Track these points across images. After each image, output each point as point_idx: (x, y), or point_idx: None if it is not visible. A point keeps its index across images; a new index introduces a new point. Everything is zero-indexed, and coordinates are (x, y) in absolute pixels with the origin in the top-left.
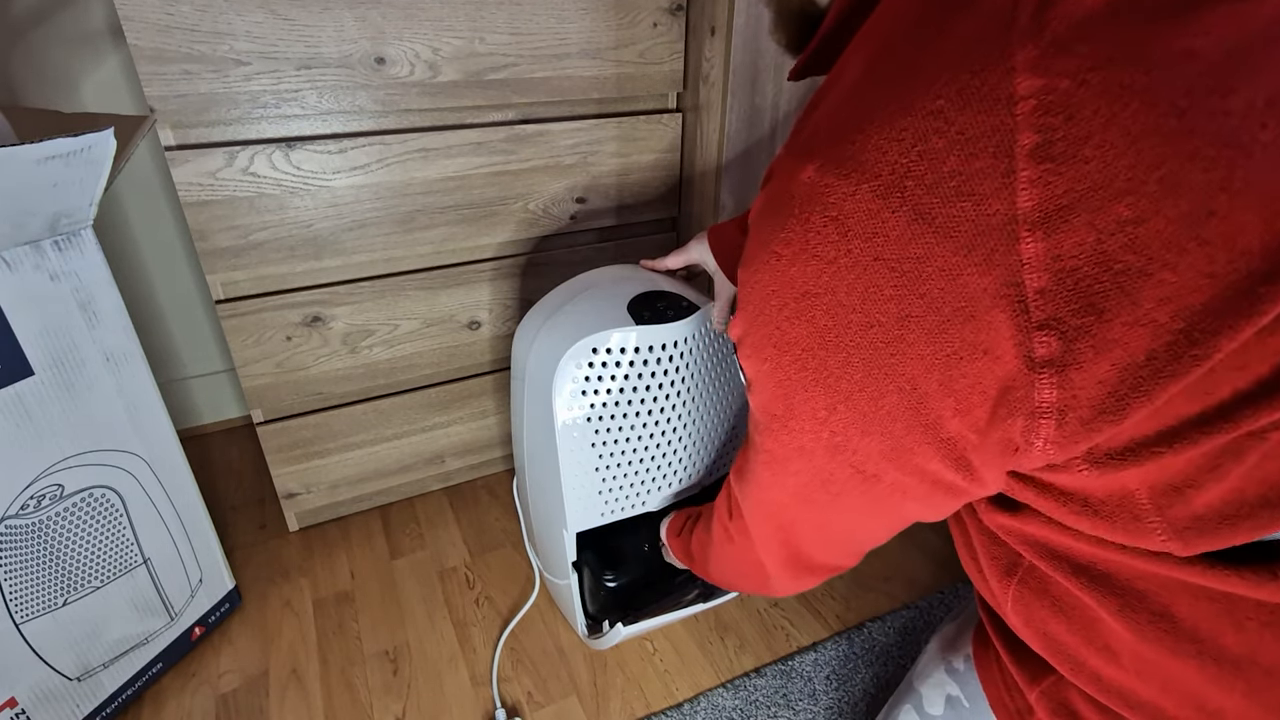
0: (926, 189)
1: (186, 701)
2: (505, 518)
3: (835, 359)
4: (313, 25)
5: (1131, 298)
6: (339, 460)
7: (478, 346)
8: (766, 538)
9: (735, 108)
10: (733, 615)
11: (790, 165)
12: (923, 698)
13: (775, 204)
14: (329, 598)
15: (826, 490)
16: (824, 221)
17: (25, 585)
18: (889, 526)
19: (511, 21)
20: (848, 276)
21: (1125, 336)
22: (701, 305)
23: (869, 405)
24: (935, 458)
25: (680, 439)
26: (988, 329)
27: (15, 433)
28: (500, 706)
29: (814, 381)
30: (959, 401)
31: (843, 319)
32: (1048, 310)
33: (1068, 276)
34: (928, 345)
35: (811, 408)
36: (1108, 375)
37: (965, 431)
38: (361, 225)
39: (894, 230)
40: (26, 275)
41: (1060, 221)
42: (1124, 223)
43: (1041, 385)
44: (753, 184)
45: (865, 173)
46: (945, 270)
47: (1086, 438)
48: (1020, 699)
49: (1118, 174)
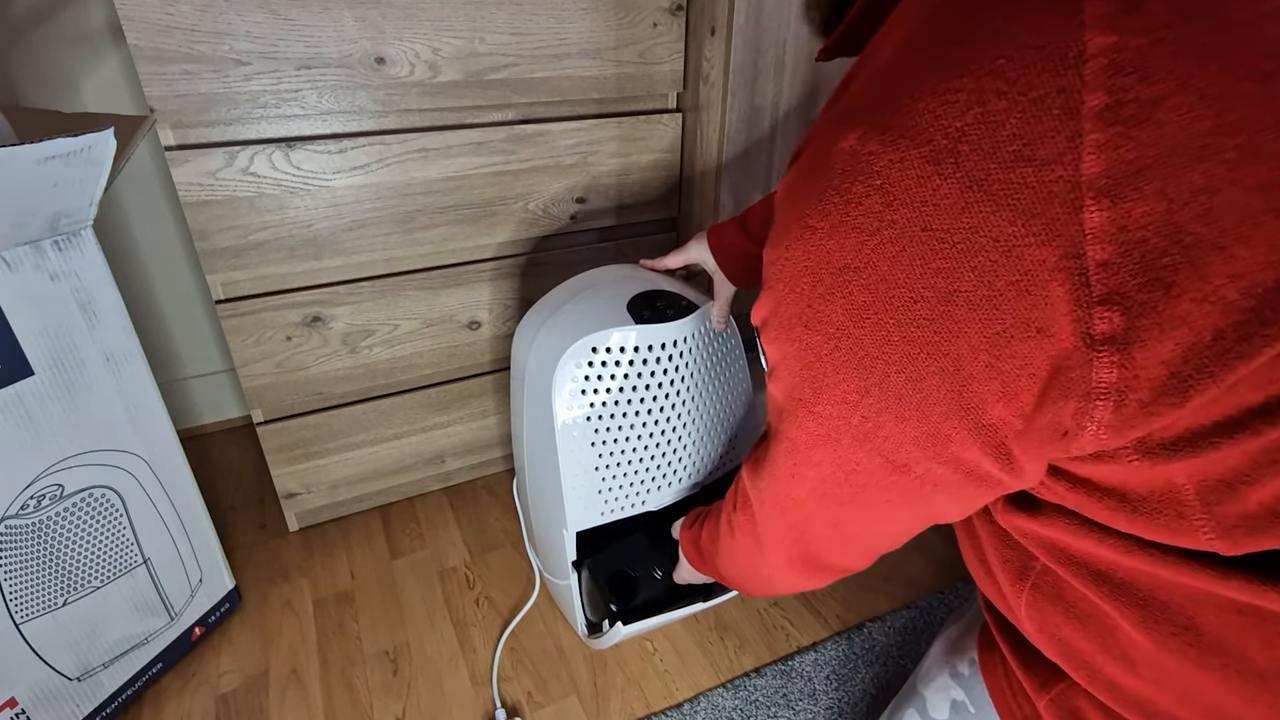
0: (983, 154)
1: (186, 701)
2: (505, 518)
3: (872, 338)
4: (313, 25)
5: (1201, 272)
6: (339, 460)
7: (478, 346)
8: (777, 533)
9: (735, 108)
10: (733, 615)
11: (828, 135)
12: (927, 701)
13: (809, 176)
14: (329, 598)
15: (850, 483)
16: (866, 191)
17: (25, 585)
18: (910, 525)
19: (511, 21)
20: (891, 249)
21: (1192, 314)
22: (701, 304)
23: (906, 388)
24: (974, 445)
25: (680, 438)
26: (1044, 304)
27: (15, 433)
28: (500, 706)
29: (847, 363)
30: (1005, 385)
31: (883, 295)
32: (1111, 284)
33: (1134, 248)
34: (976, 323)
35: (842, 391)
36: (1171, 355)
37: (1009, 417)
38: (361, 225)
39: (945, 198)
40: (26, 275)
41: (1129, 189)
42: (1197, 192)
43: (1100, 364)
44: (753, 184)
45: (915, 138)
46: (1000, 241)
47: (1144, 422)
48: (1028, 705)
49: (1192, 139)
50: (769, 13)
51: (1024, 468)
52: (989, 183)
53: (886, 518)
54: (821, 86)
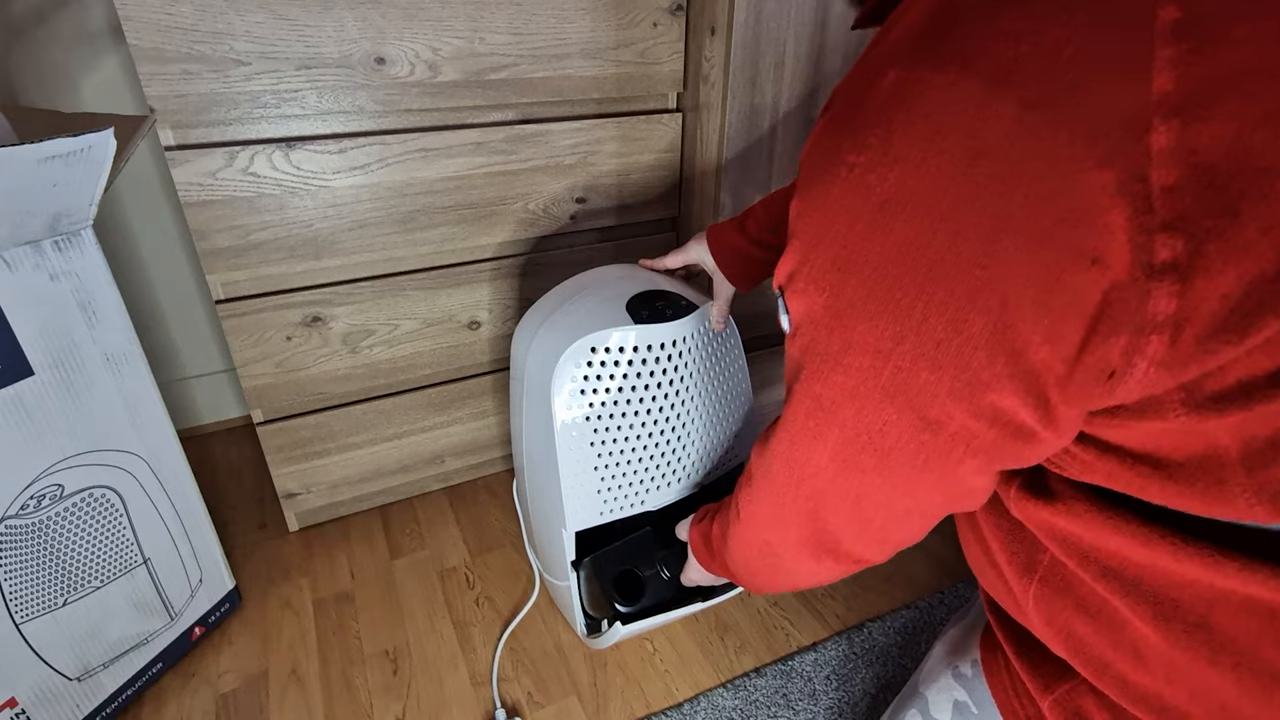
0: (1042, 75)
1: (186, 701)
2: (505, 518)
3: (912, 277)
4: (313, 25)
5: (1269, 200)
6: (339, 460)
7: (478, 346)
8: (792, 508)
9: (735, 108)
10: (733, 615)
11: (863, 78)
12: (929, 702)
13: (844, 118)
14: (329, 598)
15: (875, 446)
16: (910, 120)
17: (25, 585)
18: (931, 504)
19: (511, 21)
20: (938, 179)
21: (1257, 243)
22: (700, 304)
23: (946, 332)
24: (1013, 393)
25: (679, 438)
26: (1101, 233)
27: (15, 433)
28: (500, 706)
29: (883, 307)
30: (1053, 323)
31: (927, 229)
32: (1175, 209)
33: (1202, 172)
34: (1026, 255)
35: (875, 339)
36: (1233, 287)
37: (1053, 360)
38: (361, 225)
39: (998, 123)
40: (26, 275)
41: (1200, 109)
42: (1271, 115)
43: (1158, 295)
44: (753, 184)
45: (965, 64)
46: (1057, 166)
47: (1198, 361)
48: (1031, 706)
49: (1266, 60)
50: (769, 13)
51: (1061, 419)
52: (1047, 105)
53: (909, 491)
54: (821, 86)
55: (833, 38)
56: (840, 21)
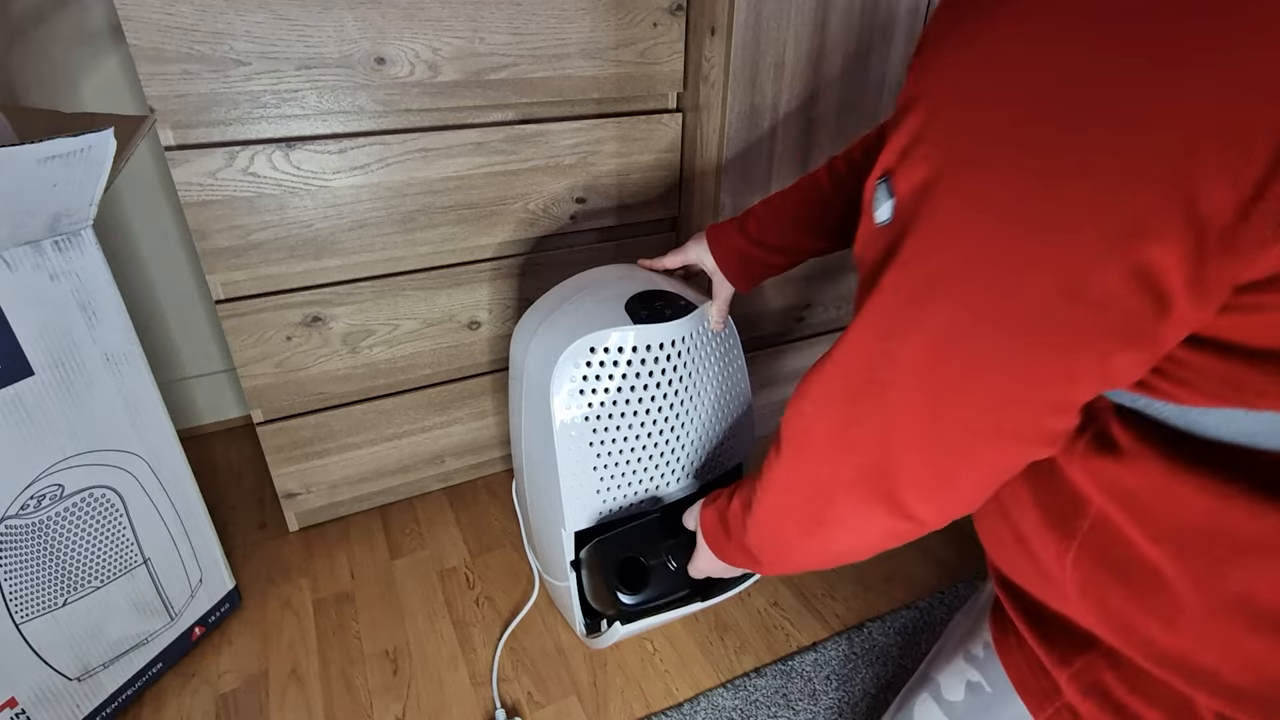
0: None
1: (186, 701)
2: (505, 518)
3: (1087, 101)
4: (313, 25)
5: None
6: (339, 460)
7: (477, 346)
8: (854, 429)
9: (735, 108)
10: (733, 615)
11: None
12: (940, 685)
13: None
14: (329, 598)
15: (990, 326)
16: None
17: (25, 585)
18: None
19: (511, 21)
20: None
21: None
22: (699, 304)
23: (1115, 170)
24: (1176, 244)
25: (678, 438)
26: None
27: (15, 433)
28: (500, 706)
29: (1043, 138)
30: (1239, 154)
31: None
32: None
33: None
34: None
35: (1025, 185)
36: None
37: (1227, 205)
38: (361, 225)
39: None
40: (26, 275)
41: None
42: None
43: None
44: (752, 184)
45: None
46: None
47: None
48: (1047, 679)
49: None
50: (769, 13)
51: (1208, 289)
52: None
53: (1006, 400)
54: (821, 87)
55: (833, 38)
56: (840, 21)
